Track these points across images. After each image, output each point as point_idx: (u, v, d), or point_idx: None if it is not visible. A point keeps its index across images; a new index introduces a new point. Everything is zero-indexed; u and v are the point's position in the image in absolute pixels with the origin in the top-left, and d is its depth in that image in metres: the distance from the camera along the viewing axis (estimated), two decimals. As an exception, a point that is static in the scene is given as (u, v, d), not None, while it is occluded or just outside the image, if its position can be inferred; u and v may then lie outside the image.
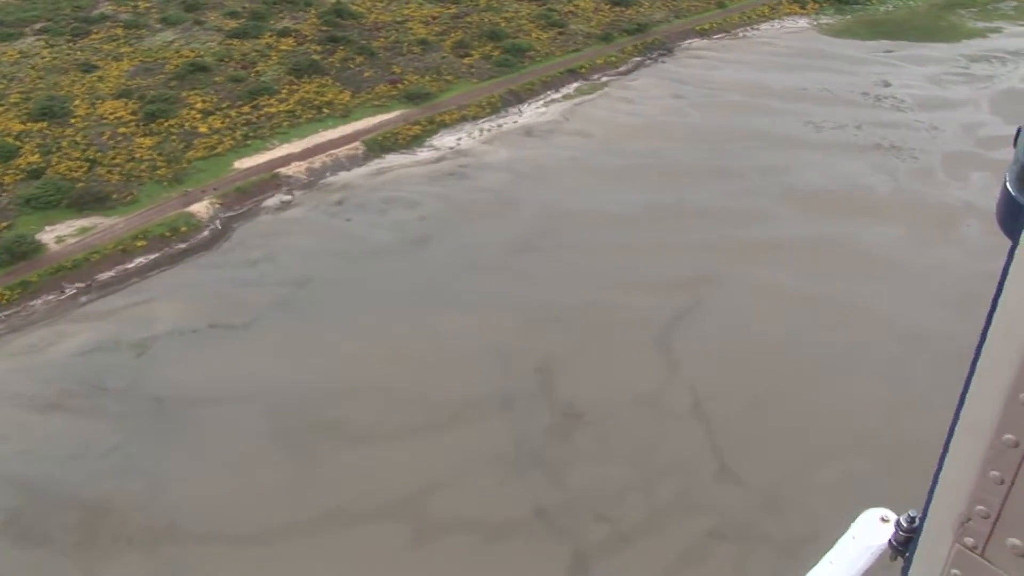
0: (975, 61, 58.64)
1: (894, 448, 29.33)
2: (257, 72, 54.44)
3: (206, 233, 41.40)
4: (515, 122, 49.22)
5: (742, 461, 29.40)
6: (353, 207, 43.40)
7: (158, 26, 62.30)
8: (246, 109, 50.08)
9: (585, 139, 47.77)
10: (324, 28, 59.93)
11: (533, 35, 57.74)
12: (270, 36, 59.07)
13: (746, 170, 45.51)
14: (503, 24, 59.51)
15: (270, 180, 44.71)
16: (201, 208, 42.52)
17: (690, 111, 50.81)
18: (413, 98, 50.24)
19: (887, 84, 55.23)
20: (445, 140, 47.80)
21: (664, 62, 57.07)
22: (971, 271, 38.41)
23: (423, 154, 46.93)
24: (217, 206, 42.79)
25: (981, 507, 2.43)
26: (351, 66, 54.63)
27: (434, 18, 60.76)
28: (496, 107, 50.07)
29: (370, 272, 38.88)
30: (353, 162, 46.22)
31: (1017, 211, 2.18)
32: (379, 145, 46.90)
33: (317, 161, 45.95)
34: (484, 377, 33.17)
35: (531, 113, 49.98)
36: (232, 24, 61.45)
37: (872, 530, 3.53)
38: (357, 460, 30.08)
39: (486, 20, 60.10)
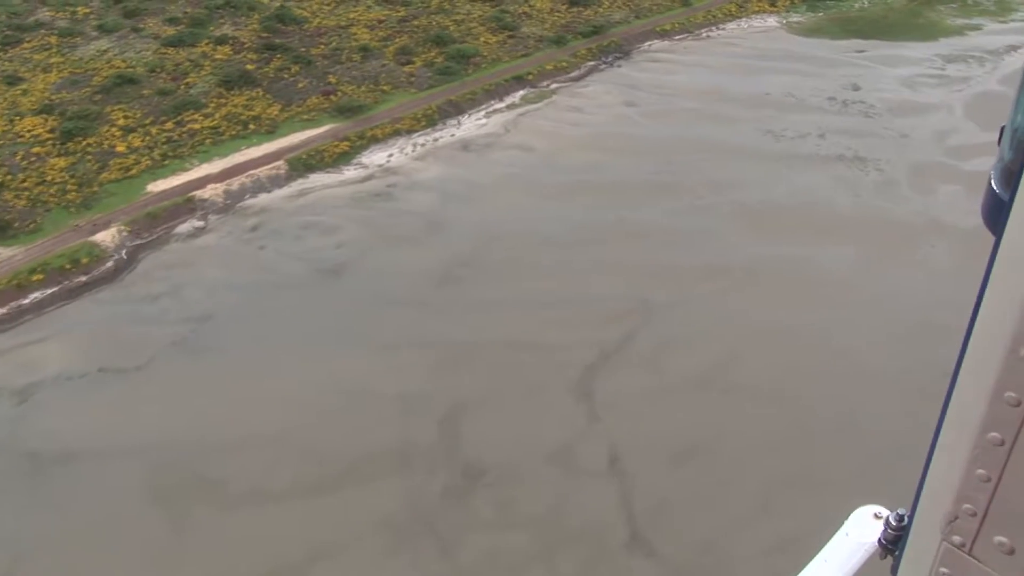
0: (951, 61, 55.40)
1: (833, 515, 26.51)
2: (187, 84, 51.71)
3: (110, 264, 38.79)
4: (452, 136, 46.38)
5: (657, 528, 26.71)
6: (268, 233, 40.71)
7: (94, 34, 59.60)
8: (169, 125, 47.40)
9: (525, 153, 44.92)
10: (263, 35, 57.14)
11: (482, 39, 54.80)
12: (207, 44, 56.32)
13: (695, 186, 42.61)
14: (452, 27, 56.59)
15: (184, 204, 42.04)
16: (107, 236, 39.89)
17: (641, 120, 47.85)
18: (345, 111, 47.45)
19: (856, 88, 52.10)
20: (375, 157, 45.03)
21: (619, 66, 54.05)
22: (929, 299, 35.65)
23: (350, 173, 44.18)
24: (124, 234, 40.17)
25: (968, 505, 2.46)
26: (285, 76, 51.87)
27: (380, 22, 57.89)
28: (433, 119, 47.23)
29: (276, 307, 36.25)
30: (274, 183, 43.50)
31: (1000, 207, 2.18)
32: (303, 164, 44.16)
33: (236, 182, 43.25)
34: (384, 427, 30.54)
35: (470, 125, 47.12)
36: (170, 31, 58.71)
37: (865, 527, 3.55)
38: (237, 524, 27.57)
39: (434, 23, 57.19)
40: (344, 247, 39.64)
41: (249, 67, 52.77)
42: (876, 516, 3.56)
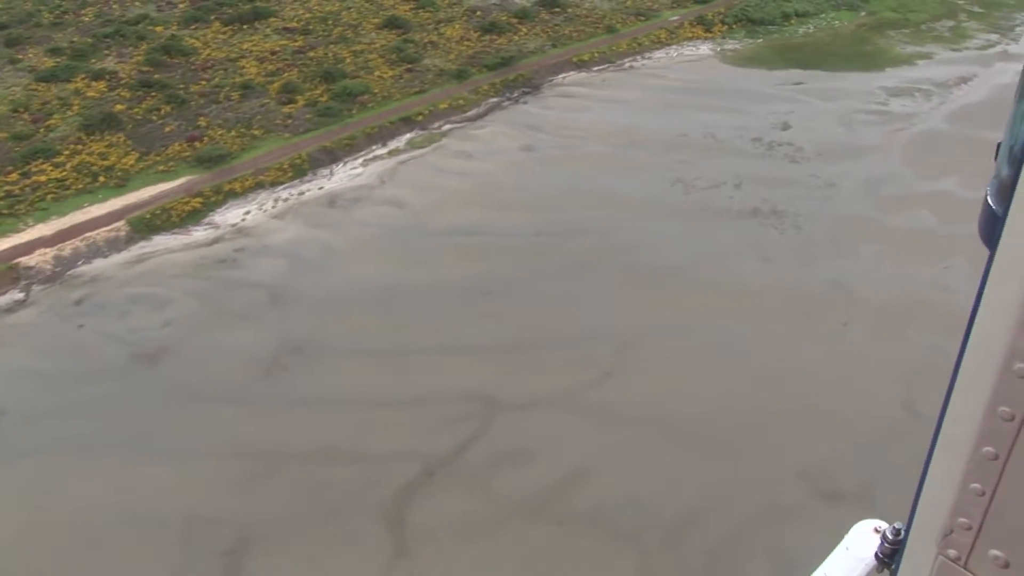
0: (895, 95, 50.56)
1: None
2: (48, 127, 47.59)
3: (-97, 348, 34.56)
4: (320, 189, 42.03)
5: None
6: (93, 308, 36.42)
7: (-31, 66, 55.67)
8: (13, 177, 43.21)
9: (396, 210, 40.51)
10: (145, 69, 53.00)
11: (376, 73, 50.39)
12: (83, 79, 52.21)
13: (582, 249, 38.13)
14: (348, 59, 52.23)
15: (7, 273, 37.80)
16: (-91, 314, 35.69)
17: (536, 168, 43.36)
18: (206, 161, 43.19)
19: (786, 127, 47.41)
20: (229, 215, 40.72)
21: (525, 103, 49.52)
22: (831, 392, 31.15)
23: (198, 234, 39.88)
24: (-69, 310, 35.95)
25: (963, 519, 2.50)
26: (154, 119, 47.66)
27: (274, 53, 53.63)
28: (302, 169, 42.90)
29: (78, 403, 31.91)
30: (112, 247, 39.26)
31: (995, 222, 2.27)
32: (147, 224, 39.91)
33: (69, 247, 39.02)
34: (159, 562, 26.13)
35: (343, 176, 42.78)
36: (48, 63, 54.69)
37: (865, 541, 3.63)
38: None
39: (330, 55, 52.86)
40: (171, 326, 35.31)
41: (119, 107, 48.60)
42: (876, 530, 3.53)
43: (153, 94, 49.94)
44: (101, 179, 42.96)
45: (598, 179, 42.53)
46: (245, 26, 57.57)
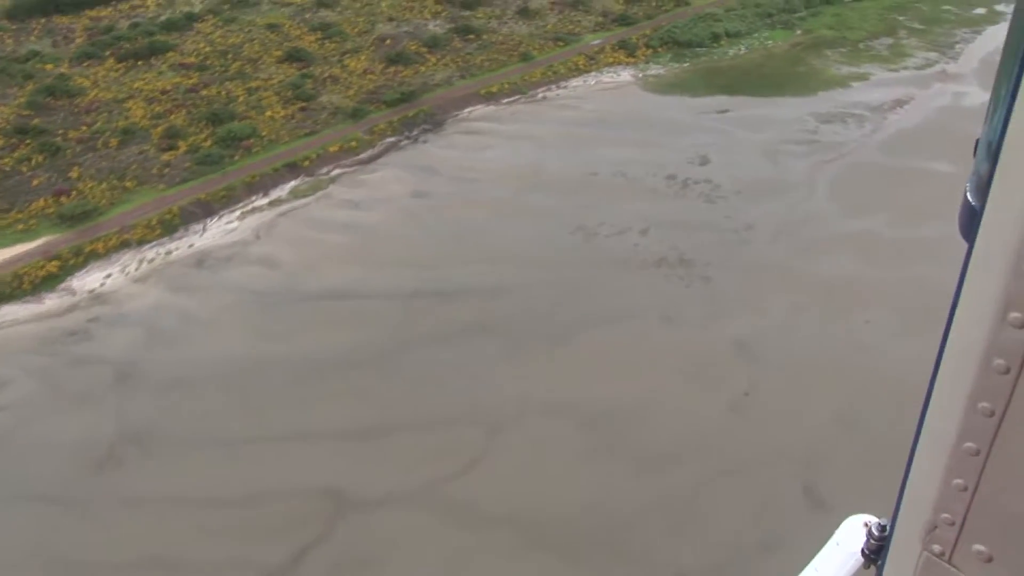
0: (826, 122, 47.84)
1: None
2: (-93, 181, 44.53)
3: None
4: (190, 247, 39.12)
5: None
6: (-81, 392, 33.35)
7: None
8: None
9: (268, 270, 37.61)
10: (25, 113, 50.05)
11: (268, 113, 47.53)
12: (-43, 125, 49.18)
13: (461, 312, 35.34)
14: (241, 98, 49.37)
15: None
16: None
17: (426, 218, 40.51)
18: (69, 218, 40.24)
19: (705, 161, 44.64)
20: (88, 280, 37.77)
21: (425, 141, 46.68)
22: (721, 480, 28.40)
23: (51, 302, 36.92)
24: None
25: (947, 515, 2.57)
26: (23, 170, 44.72)
27: (165, 92, 50.74)
28: (172, 225, 39.99)
29: None
30: (-47, 319, 36.18)
31: (973, 216, 2.27)
32: (-7, 293, 36.86)
33: (-97, 320, 35.95)
34: None
35: (216, 232, 39.87)
36: (-76, 108, 51.63)
37: (856, 536, 3.66)
38: None
39: (224, 93, 49.97)
40: (5, 411, 32.33)
41: (-12, 157, 45.66)
42: (866, 525, 3.60)
43: (27, 142, 46.94)
44: (-48, 242, 39.99)
45: (490, 229, 39.70)
46: (140, 62, 54.70)
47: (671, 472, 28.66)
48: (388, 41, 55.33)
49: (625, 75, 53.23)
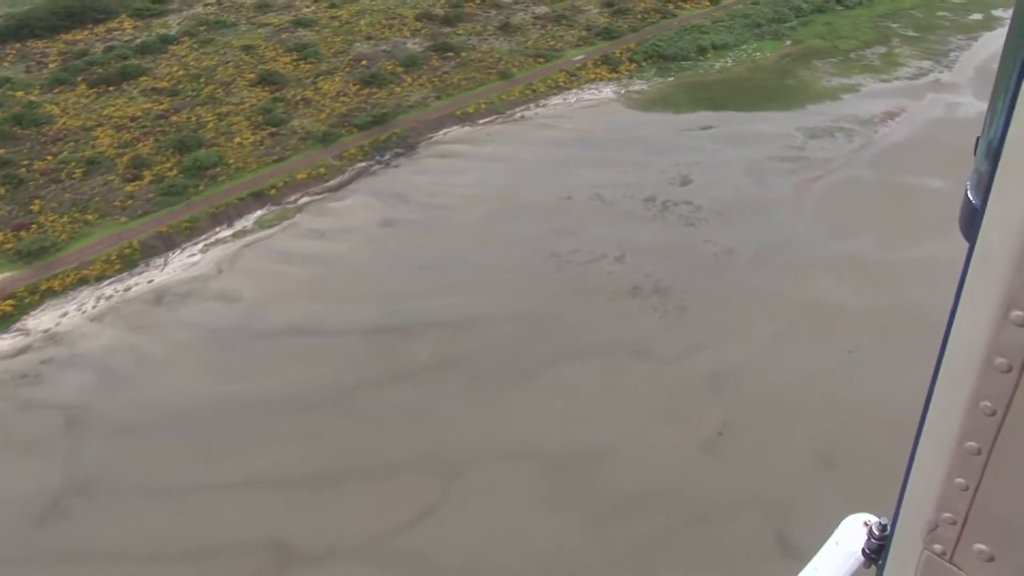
0: (815, 137, 46.37)
1: None
2: None
3: None
4: (149, 282, 38.16)
5: None
6: None
7: None
8: None
9: (228, 306, 36.58)
10: (-10, 143, 49.30)
11: (237, 139, 46.59)
12: (-77, 158, 48.51)
13: (423, 349, 34.29)
14: (211, 123, 48.47)
15: None
16: None
17: (393, 248, 39.38)
18: (27, 255, 39.37)
19: (686, 181, 43.28)
20: (44, 319, 36.87)
21: (396, 166, 45.57)
22: (688, 531, 27.05)
23: (4, 343, 36.05)
24: None
25: (948, 514, 2.56)
26: (-16, 203, 43.85)
27: (134, 120, 49.93)
28: (132, 260, 39.07)
29: None
30: (-99, 364, 35.29)
31: (974, 215, 2.28)
32: (-56, 335, 35.98)
33: None
34: None
35: (178, 265, 38.90)
36: None
37: (855, 535, 3.66)
38: None
39: (194, 118, 49.08)
40: (-52, 461, 31.41)
41: (-50, 191, 44.93)
42: (865, 524, 3.60)
43: (-9, 174, 46.19)
44: (-94, 281, 39.18)
45: (459, 258, 38.48)
46: (112, 88, 53.92)
47: (637, 522, 27.30)
48: (364, 62, 54.31)
49: (607, 91, 51.93)
